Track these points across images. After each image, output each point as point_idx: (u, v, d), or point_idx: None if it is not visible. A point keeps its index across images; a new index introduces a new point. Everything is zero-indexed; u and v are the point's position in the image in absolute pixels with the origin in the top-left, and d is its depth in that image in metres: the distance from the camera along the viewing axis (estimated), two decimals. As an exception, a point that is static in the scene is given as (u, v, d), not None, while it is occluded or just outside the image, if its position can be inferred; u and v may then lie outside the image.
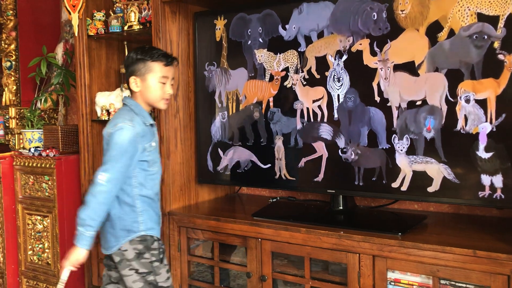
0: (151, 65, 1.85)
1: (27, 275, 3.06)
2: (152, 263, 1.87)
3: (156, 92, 1.87)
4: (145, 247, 1.85)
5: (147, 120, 1.87)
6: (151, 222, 1.89)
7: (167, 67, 1.88)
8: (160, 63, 1.86)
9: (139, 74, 1.86)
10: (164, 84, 1.88)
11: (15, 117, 3.48)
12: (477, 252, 1.59)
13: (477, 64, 1.73)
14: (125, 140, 1.78)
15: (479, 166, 1.75)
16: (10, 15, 3.41)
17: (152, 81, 1.86)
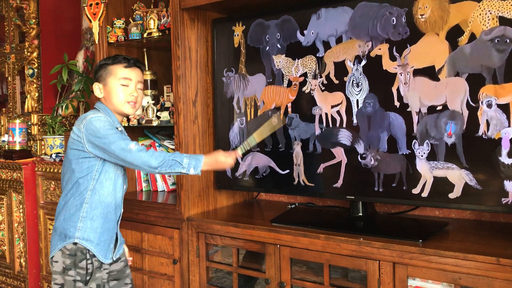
0: (111, 68, 1.84)
1: (48, 280, 3.10)
2: (75, 283, 1.76)
3: (118, 95, 1.83)
4: (72, 263, 1.76)
5: (115, 124, 1.84)
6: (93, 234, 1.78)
7: (128, 69, 1.84)
8: (120, 65, 1.84)
9: (101, 79, 1.85)
10: (126, 87, 1.83)
11: (37, 123, 3.54)
12: (501, 260, 1.56)
13: (499, 68, 1.71)
14: (100, 123, 1.76)
15: (502, 172, 1.72)
16: (33, 23, 3.49)
17: (113, 84, 1.83)
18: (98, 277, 1.81)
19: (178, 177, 2.37)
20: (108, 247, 1.85)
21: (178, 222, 2.35)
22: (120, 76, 1.84)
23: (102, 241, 1.82)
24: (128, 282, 1.98)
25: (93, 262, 1.79)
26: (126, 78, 1.84)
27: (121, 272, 1.95)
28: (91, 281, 1.79)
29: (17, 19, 3.71)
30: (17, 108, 3.85)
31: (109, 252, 1.86)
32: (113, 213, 1.87)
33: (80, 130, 1.79)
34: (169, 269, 2.41)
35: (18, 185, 3.20)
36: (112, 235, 1.87)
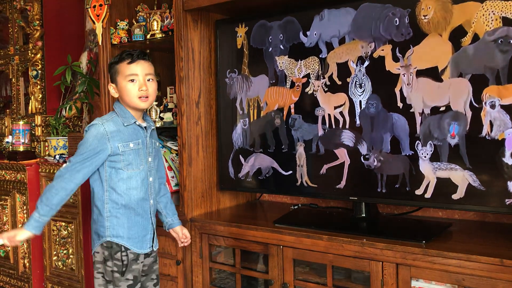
0: (118, 68, 1.87)
1: (52, 280, 3.11)
2: (113, 273, 1.86)
3: (129, 92, 1.86)
4: (109, 254, 1.86)
5: (128, 121, 1.87)
6: (121, 229, 1.86)
7: (132, 65, 1.86)
8: (123, 62, 1.86)
9: (113, 79, 1.90)
10: (133, 82, 1.86)
11: (40, 124, 3.55)
12: (504, 261, 1.56)
13: (502, 69, 1.70)
14: (90, 135, 1.83)
15: (506, 173, 1.72)
16: (37, 25, 3.50)
17: (122, 83, 1.87)
18: (134, 268, 1.88)
19: (181, 178, 2.38)
20: (143, 238, 1.92)
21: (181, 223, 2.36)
22: (126, 73, 1.86)
23: (133, 234, 1.89)
24: (154, 277, 2.02)
25: (128, 254, 1.87)
26: (132, 74, 1.86)
27: (150, 267, 1.99)
28: (127, 272, 1.86)
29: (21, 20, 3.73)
30: (21, 109, 3.87)
31: (146, 243, 1.93)
32: (139, 207, 1.90)
33: None
34: (172, 270, 2.41)
35: (22, 186, 3.21)
36: (145, 227, 1.92)
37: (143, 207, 1.92)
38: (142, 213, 1.92)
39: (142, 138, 1.92)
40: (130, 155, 1.87)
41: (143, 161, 1.91)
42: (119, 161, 1.85)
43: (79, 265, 2.93)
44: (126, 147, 1.86)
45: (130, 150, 1.87)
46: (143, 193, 1.91)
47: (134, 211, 1.89)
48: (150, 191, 1.94)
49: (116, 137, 1.84)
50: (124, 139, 1.86)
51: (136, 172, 1.89)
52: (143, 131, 1.93)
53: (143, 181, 1.91)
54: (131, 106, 1.89)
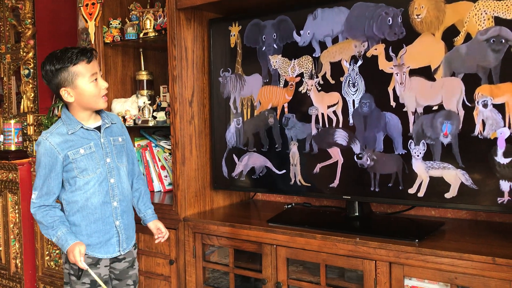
0: (75, 70, 1.75)
1: (44, 281, 3.09)
2: (70, 276, 1.85)
3: (92, 93, 1.79)
4: (66, 258, 1.84)
5: (73, 128, 1.81)
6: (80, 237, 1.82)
7: (90, 64, 1.78)
8: (82, 62, 1.76)
9: (67, 84, 1.77)
10: (96, 81, 1.80)
11: (33, 124, 3.53)
12: (497, 260, 1.57)
13: (494, 69, 1.71)
14: (39, 154, 1.82)
15: (498, 172, 1.72)
16: (29, 23, 3.47)
17: (84, 85, 1.77)
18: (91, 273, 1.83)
19: (175, 177, 2.37)
20: (107, 243, 1.87)
21: (174, 222, 2.35)
22: (88, 73, 1.77)
23: (92, 241, 1.84)
24: (130, 283, 1.97)
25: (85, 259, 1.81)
26: (94, 74, 1.79)
27: (124, 272, 1.95)
28: (83, 276, 1.82)
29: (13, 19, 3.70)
30: (12, 108, 3.84)
31: (111, 247, 1.88)
32: (98, 213, 1.85)
33: None
34: (166, 270, 2.41)
35: (13, 186, 3.19)
36: (107, 232, 1.87)
37: (103, 212, 1.86)
38: (102, 218, 1.86)
39: (95, 140, 1.85)
40: (83, 161, 1.81)
41: (100, 164, 1.84)
42: (73, 170, 1.81)
43: (72, 265, 2.91)
44: (76, 154, 1.80)
45: (81, 156, 1.80)
46: (103, 197, 1.85)
47: (93, 217, 1.84)
48: (112, 193, 1.87)
49: (64, 147, 1.79)
50: (73, 146, 1.80)
51: (93, 177, 1.83)
52: (95, 132, 1.86)
53: (102, 184, 1.85)
54: (90, 108, 1.83)
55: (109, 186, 1.87)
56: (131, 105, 2.66)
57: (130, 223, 1.96)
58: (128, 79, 2.84)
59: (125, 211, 1.92)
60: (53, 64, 1.76)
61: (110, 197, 1.87)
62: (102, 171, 1.85)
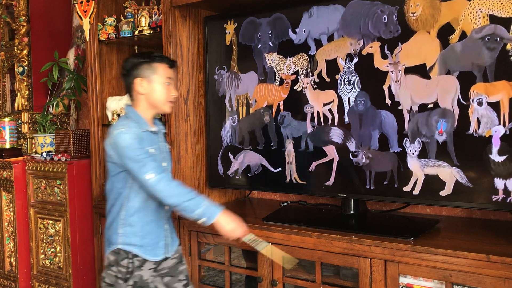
0: (156, 67, 1.85)
1: (39, 279, 3.08)
2: (116, 279, 1.84)
3: (162, 94, 1.86)
4: (115, 260, 1.84)
5: (143, 127, 1.83)
6: (134, 238, 1.83)
7: (171, 69, 1.88)
8: (164, 64, 1.86)
9: (145, 75, 1.84)
10: (168, 86, 1.87)
11: (27, 122, 3.51)
12: (491, 257, 1.57)
13: (489, 67, 1.72)
14: (129, 141, 1.76)
15: (493, 170, 1.73)
16: (23, 21, 3.45)
17: (158, 83, 1.84)
18: (136, 275, 1.85)
19: (170, 176, 2.36)
20: (156, 246, 1.89)
21: (170, 220, 2.34)
22: (166, 75, 1.86)
23: (145, 243, 1.86)
24: (183, 278, 1.98)
25: (134, 261, 1.84)
26: (170, 78, 1.88)
27: (174, 269, 1.96)
28: (130, 279, 1.85)
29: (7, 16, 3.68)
30: (7, 106, 3.82)
31: (159, 250, 1.90)
32: (154, 215, 1.88)
33: (110, 147, 1.82)
34: (161, 268, 2.40)
35: (8, 184, 3.17)
36: (158, 235, 1.89)
37: (157, 215, 1.89)
38: (156, 220, 1.89)
39: (156, 143, 1.88)
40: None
41: (165, 167, 1.89)
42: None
43: (67, 263, 2.90)
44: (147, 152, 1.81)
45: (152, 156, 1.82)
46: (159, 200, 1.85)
47: (148, 219, 1.86)
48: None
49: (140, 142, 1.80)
50: (145, 144, 1.81)
51: None
52: (156, 136, 1.90)
53: None
54: (155, 107, 1.87)
55: None
56: (126, 103, 2.65)
57: (173, 227, 1.99)
58: (123, 77, 2.82)
59: (170, 215, 1.97)
60: (138, 57, 1.88)
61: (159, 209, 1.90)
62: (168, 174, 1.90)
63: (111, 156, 1.83)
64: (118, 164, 1.82)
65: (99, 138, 2.70)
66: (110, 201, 1.90)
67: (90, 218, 2.86)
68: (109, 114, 2.69)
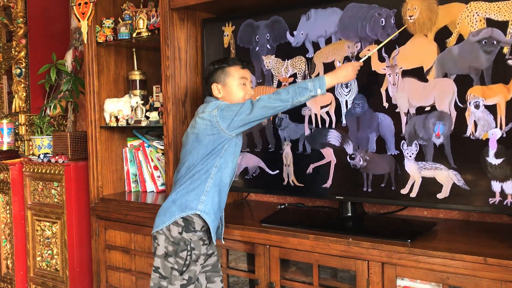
0: (229, 70, 1.96)
1: (35, 282, 3.07)
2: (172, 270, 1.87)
3: (238, 93, 1.96)
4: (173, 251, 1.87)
5: None
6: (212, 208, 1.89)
7: (244, 70, 1.98)
8: (236, 66, 1.97)
9: (220, 80, 1.96)
10: (244, 85, 1.96)
11: (24, 123, 3.50)
12: (488, 260, 1.58)
13: (486, 70, 1.72)
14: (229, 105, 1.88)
15: (489, 172, 1.74)
16: (20, 22, 3.45)
17: (232, 84, 1.95)
18: (192, 269, 1.88)
19: (167, 177, 2.36)
20: (216, 230, 1.95)
21: (167, 222, 2.34)
22: (238, 76, 1.96)
23: (215, 218, 1.92)
24: (221, 273, 2.09)
25: (192, 254, 1.87)
26: (244, 78, 1.97)
27: (215, 266, 2.05)
28: (186, 273, 1.87)
29: (4, 18, 3.67)
30: (4, 108, 3.81)
31: (219, 233, 2.01)
32: (225, 194, 1.97)
33: (212, 115, 1.87)
34: (158, 270, 2.40)
35: (5, 186, 3.17)
36: (218, 219, 1.97)
37: (225, 193, 1.97)
38: (224, 200, 1.97)
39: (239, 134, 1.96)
40: (237, 148, 1.95)
41: (237, 157, 1.98)
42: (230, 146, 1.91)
43: (64, 265, 2.89)
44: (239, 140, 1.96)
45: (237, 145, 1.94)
46: (226, 187, 1.96)
47: (222, 196, 1.95)
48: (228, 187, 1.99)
49: None
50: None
51: (231, 165, 1.94)
52: None
53: (230, 174, 1.97)
54: None
55: (230, 179, 1.99)
56: (124, 105, 2.65)
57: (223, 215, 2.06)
58: (121, 79, 2.83)
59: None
60: (213, 64, 2.00)
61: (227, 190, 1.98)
62: (233, 165, 1.96)
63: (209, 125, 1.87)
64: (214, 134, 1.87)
65: (96, 140, 2.70)
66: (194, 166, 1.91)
67: (87, 220, 2.86)
68: (107, 116, 2.68)
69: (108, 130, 2.75)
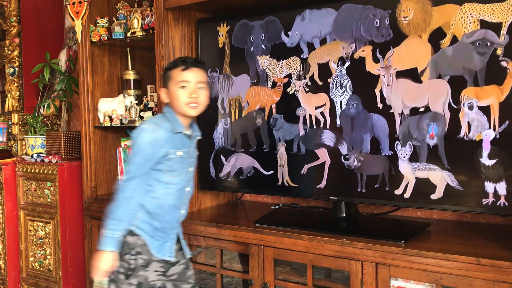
0: (170, 73, 1.86)
1: (28, 282, 3.06)
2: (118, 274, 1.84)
3: (178, 98, 1.84)
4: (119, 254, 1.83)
5: (177, 129, 1.84)
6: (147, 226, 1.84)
7: (186, 71, 1.84)
8: (177, 69, 1.85)
9: (165, 84, 1.89)
10: (184, 89, 1.84)
11: (18, 123, 3.48)
12: (481, 260, 1.58)
13: (480, 71, 1.73)
14: (143, 143, 1.79)
15: (483, 173, 1.74)
16: (14, 21, 3.43)
17: (173, 89, 1.84)
18: (141, 275, 1.83)
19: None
20: (163, 244, 1.88)
21: (161, 223, 2.33)
22: (178, 79, 1.84)
23: (156, 236, 1.86)
24: (192, 281, 1.99)
25: (137, 258, 1.83)
26: (183, 81, 1.84)
27: (182, 274, 1.95)
28: (133, 277, 1.83)
29: (-2, 17, 3.65)
30: (-3, 107, 3.79)
31: (165, 250, 1.89)
32: (169, 214, 1.88)
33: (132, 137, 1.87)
34: (152, 271, 2.39)
35: (-2, 186, 3.15)
36: (167, 234, 1.89)
37: (172, 215, 1.89)
38: (169, 220, 1.89)
39: (187, 147, 1.88)
40: (177, 163, 1.84)
41: (185, 170, 1.88)
42: (165, 166, 1.83)
43: (57, 266, 2.88)
44: (173, 154, 1.83)
45: (177, 158, 1.84)
46: (176, 201, 1.88)
47: (164, 216, 1.86)
48: (184, 200, 1.92)
49: (169, 143, 1.81)
50: (174, 146, 1.83)
51: (176, 180, 1.85)
52: (187, 140, 1.89)
53: (180, 190, 1.88)
54: (180, 113, 1.86)
55: (183, 194, 1.90)
56: (118, 104, 2.65)
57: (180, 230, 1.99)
58: (115, 79, 2.82)
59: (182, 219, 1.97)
60: (167, 65, 1.91)
61: (181, 204, 1.91)
62: (184, 177, 1.88)
63: None
64: None
65: (90, 139, 2.69)
66: None
67: (80, 220, 2.84)
68: (101, 115, 2.67)
69: (102, 130, 2.73)
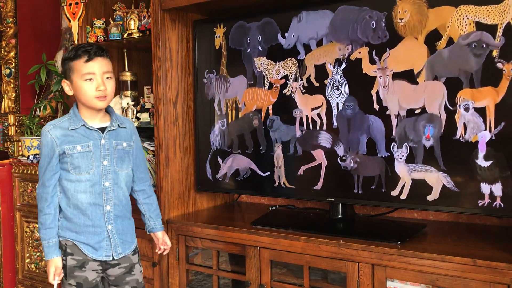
0: (73, 65, 1.75)
1: (24, 284, 3.05)
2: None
3: (85, 92, 1.75)
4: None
5: (74, 125, 1.79)
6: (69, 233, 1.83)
7: (89, 63, 1.74)
8: (79, 60, 1.74)
9: (67, 76, 1.79)
10: (91, 81, 1.74)
11: (14, 124, 3.48)
12: (477, 261, 1.59)
13: (476, 73, 1.74)
14: (42, 145, 1.82)
15: (479, 175, 1.75)
16: (10, 22, 3.42)
17: (78, 82, 1.75)
18: (77, 275, 1.82)
19: (158, 179, 2.35)
20: (98, 244, 1.83)
21: (157, 224, 2.33)
22: (82, 72, 1.74)
23: (82, 239, 1.82)
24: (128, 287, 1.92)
25: (67, 259, 1.81)
26: (89, 73, 1.74)
27: (120, 279, 1.89)
28: (70, 278, 1.82)
29: (-6, 18, 3.65)
30: (-7, 108, 3.78)
31: (102, 250, 1.83)
32: (90, 213, 1.81)
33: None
34: (148, 272, 2.39)
35: (-7, 187, 3.14)
36: (97, 234, 1.83)
37: (93, 214, 1.82)
38: (92, 219, 1.82)
39: (95, 140, 1.81)
40: (77, 158, 1.78)
41: (95, 165, 1.80)
42: (67, 163, 1.79)
43: (53, 267, 2.87)
44: (72, 150, 1.78)
45: (77, 153, 1.78)
46: (94, 199, 1.81)
47: (85, 216, 1.82)
48: (106, 196, 1.82)
49: (63, 140, 1.78)
50: (71, 142, 1.78)
51: (85, 176, 1.79)
52: (97, 133, 1.82)
53: (95, 186, 1.81)
54: (88, 106, 1.80)
55: (102, 189, 1.82)
56: (114, 106, 2.64)
57: (127, 228, 1.91)
58: (112, 80, 2.81)
59: (119, 216, 1.87)
60: (66, 54, 1.81)
61: (103, 200, 1.82)
62: (96, 172, 1.81)
63: None
64: None
65: (86, 141, 2.67)
66: None
67: (77, 221, 2.83)
68: (97, 117, 2.66)
69: (99, 131, 2.73)
